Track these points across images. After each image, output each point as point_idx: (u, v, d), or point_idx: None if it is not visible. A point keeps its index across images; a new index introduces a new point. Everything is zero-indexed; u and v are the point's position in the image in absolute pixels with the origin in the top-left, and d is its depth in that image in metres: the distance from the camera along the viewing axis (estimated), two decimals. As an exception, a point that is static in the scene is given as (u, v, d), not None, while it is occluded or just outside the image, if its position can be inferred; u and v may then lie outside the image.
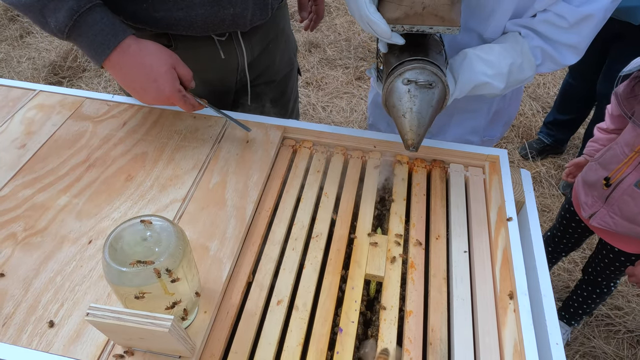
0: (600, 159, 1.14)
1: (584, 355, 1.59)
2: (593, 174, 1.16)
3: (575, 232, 1.37)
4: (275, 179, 0.83)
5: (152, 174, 0.82)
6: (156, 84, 0.76)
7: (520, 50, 0.79)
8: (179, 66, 0.79)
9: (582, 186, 1.21)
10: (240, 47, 0.96)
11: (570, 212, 1.33)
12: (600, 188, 1.12)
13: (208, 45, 0.92)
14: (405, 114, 0.70)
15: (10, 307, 0.63)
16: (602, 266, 1.31)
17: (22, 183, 0.79)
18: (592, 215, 1.17)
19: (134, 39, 0.75)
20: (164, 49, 0.78)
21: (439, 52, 0.77)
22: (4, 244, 0.70)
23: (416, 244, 0.74)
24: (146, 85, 0.76)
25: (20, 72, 2.72)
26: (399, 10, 0.70)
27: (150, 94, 0.77)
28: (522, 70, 0.80)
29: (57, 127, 0.90)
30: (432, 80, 0.70)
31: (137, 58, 0.75)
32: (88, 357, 0.58)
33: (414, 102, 0.70)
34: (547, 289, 0.67)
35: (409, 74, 0.70)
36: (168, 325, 0.48)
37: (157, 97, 0.77)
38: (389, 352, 0.61)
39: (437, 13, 0.69)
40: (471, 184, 0.83)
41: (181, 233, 0.55)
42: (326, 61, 2.84)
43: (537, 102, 2.55)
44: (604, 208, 1.13)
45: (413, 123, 0.70)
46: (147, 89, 0.76)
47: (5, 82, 1.01)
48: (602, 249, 1.28)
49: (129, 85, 0.78)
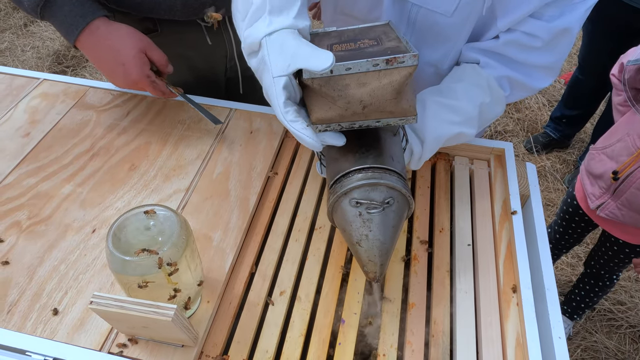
0: (607, 149, 1.11)
1: (585, 349, 1.59)
2: (599, 165, 1.13)
3: (578, 226, 1.36)
4: (279, 170, 0.82)
5: (156, 164, 0.82)
6: (123, 68, 0.75)
7: (486, 86, 0.69)
8: (151, 50, 0.78)
9: (587, 177, 1.19)
10: (228, 34, 0.95)
11: (574, 206, 1.32)
12: (607, 180, 1.10)
13: (194, 31, 0.91)
14: (360, 242, 0.56)
15: (15, 295, 0.63)
16: (605, 259, 1.30)
17: (26, 172, 0.80)
18: (599, 206, 1.15)
19: (104, 20, 0.75)
20: (135, 32, 0.77)
21: (392, 135, 0.64)
22: (8, 232, 0.71)
23: (419, 237, 0.73)
24: (114, 68, 0.76)
25: (25, 61, 2.72)
26: (332, 111, 0.55)
27: (118, 77, 0.77)
28: (492, 107, 0.70)
29: (61, 116, 0.90)
30: (388, 198, 0.55)
31: (105, 40, 0.74)
32: (92, 344, 0.58)
33: (369, 228, 0.55)
34: (550, 283, 0.67)
35: (358, 193, 0.56)
36: (171, 314, 0.48)
37: (125, 81, 0.77)
38: None
39: (383, 109, 0.55)
40: (476, 177, 0.82)
41: (184, 223, 0.55)
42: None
43: (543, 95, 2.53)
44: (612, 200, 1.11)
45: (372, 253, 0.56)
46: (115, 72, 0.76)
47: (9, 70, 1.01)
48: (606, 241, 1.27)
49: (99, 67, 0.78)
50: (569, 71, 2.66)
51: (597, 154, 1.14)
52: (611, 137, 1.13)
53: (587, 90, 1.99)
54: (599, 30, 1.75)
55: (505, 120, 2.40)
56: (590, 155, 1.18)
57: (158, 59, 0.79)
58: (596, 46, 1.80)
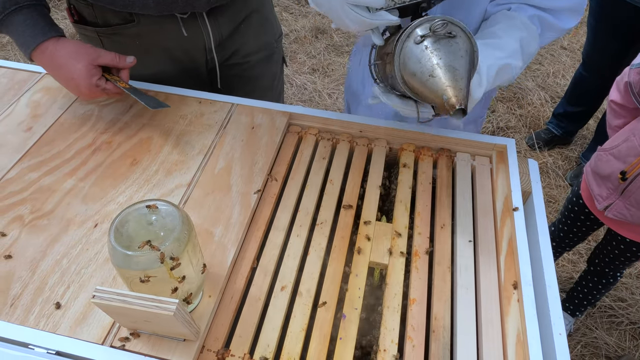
0: (613, 149, 1.11)
1: (585, 345, 1.59)
2: (606, 165, 1.13)
3: (583, 225, 1.36)
4: (280, 165, 0.82)
5: (158, 159, 0.82)
6: (73, 82, 0.81)
7: (520, 23, 0.74)
8: (100, 58, 0.82)
9: (594, 177, 1.18)
10: (205, 26, 0.95)
11: (579, 205, 1.31)
12: (615, 180, 1.10)
13: (171, 23, 0.92)
14: (432, 73, 0.56)
15: (18, 288, 0.64)
16: (611, 257, 1.30)
17: (29, 166, 0.80)
18: (607, 207, 1.15)
19: (54, 41, 0.79)
20: (82, 45, 0.81)
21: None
22: (11, 226, 0.71)
23: (421, 233, 0.74)
24: (66, 83, 0.82)
25: (26, 55, 2.71)
26: None
27: (72, 90, 0.83)
28: (530, 42, 0.74)
29: (63, 111, 0.90)
30: (450, 30, 0.56)
31: (53, 60, 0.80)
32: (94, 338, 0.59)
33: (438, 56, 0.56)
34: (551, 280, 0.67)
35: (420, 29, 0.57)
36: (173, 308, 0.49)
37: (78, 93, 0.83)
38: None
39: None
40: (478, 173, 0.82)
41: (186, 218, 0.55)
42: (333, 47, 2.81)
43: (545, 91, 2.52)
44: (620, 200, 1.11)
45: (447, 77, 0.55)
46: (68, 86, 0.82)
47: (11, 64, 1.01)
48: (612, 240, 1.26)
49: (55, 78, 0.84)
50: (573, 67, 2.65)
51: (604, 155, 1.14)
52: (617, 137, 1.13)
53: (591, 87, 1.98)
54: (603, 28, 1.74)
55: (507, 117, 2.39)
56: (597, 156, 1.17)
57: (110, 61, 0.83)
58: (600, 43, 1.79)
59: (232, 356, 0.59)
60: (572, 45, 2.83)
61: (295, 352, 0.60)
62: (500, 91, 2.51)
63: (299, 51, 2.77)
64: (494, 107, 2.43)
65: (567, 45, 2.83)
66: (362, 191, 0.81)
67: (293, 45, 2.82)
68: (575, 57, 2.74)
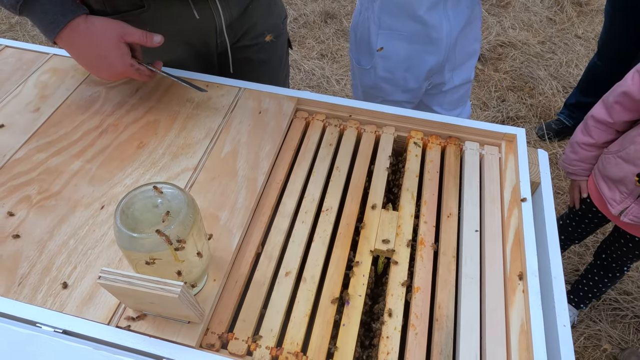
0: (621, 152, 1.08)
1: (588, 337, 1.59)
2: (617, 169, 1.10)
3: (591, 222, 1.34)
4: (287, 151, 0.82)
5: (164, 142, 0.82)
6: (107, 60, 0.77)
7: None
8: (128, 34, 0.79)
9: (604, 181, 1.15)
10: (216, 7, 0.94)
11: (587, 203, 1.29)
12: (630, 184, 1.07)
13: (181, 5, 0.90)
14: None
15: (26, 268, 0.65)
16: (619, 253, 1.29)
17: (36, 147, 0.80)
18: (622, 212, 1.12)
19: (84, 18, 0.76)
20: (110, 21, 0.78)
21: None
22: (18, 206, 0.72)
23: (427, 222, 0.73)
24: (98, 62, 0.78)
25: (35, 36, 2.71)
26: None
27: (103, 70, 0.79)
28: None
29: (70, 92, 0.90)
30: None
31: (85, 36, 0.76)
32: (100, 318, 0.60)
33: None
34: (557, 271, 0.66)
35: None
36: (177, 291, 0.49)
37: (110, 72, 0.79)
38: None
39: None
40: (486, 162, 0.81)
41: (192, 201, 0.55)
42: (342, 33, 2.77)
43: (558, 81, 2.47)
44: (636, 204, 1.08)
45: None
46: (100, 66, 0.78)
47: (18, 44, 1.00)
48: (620, 237, 1.25)
49: (83, 63, 0.80)
50: (587, 57, 2.60)
51: (613, 158, 1.11)
52: (623, 140, 1.10)
53: (605, 76, 1.94)
54: (620, 16, 1.69)
55: (517, 106, 2.35)
56: (605, 159, 1.15)
57: (138, 39, 0.80)
58: (617, 30, 1.75)
59: (235, 339, 0.59)
60: (587, 34, 2.77)
61: (299, 338, 0.60)
62: (511, 80, 2.47)
63: (308, 36, 2.74)
64: (504, 96, 2.40)
65: (581, 34, 2.77)
66: (369, 179, 0.80)
67: (302, 30, 2.78)
68: (589, 46, 2.68)
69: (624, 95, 1.06)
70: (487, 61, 2.60)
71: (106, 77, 0.82)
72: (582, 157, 1.19)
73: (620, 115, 1.08)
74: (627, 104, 1.06)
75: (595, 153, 1.18)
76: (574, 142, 1.20)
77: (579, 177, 1.24)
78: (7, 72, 0.94)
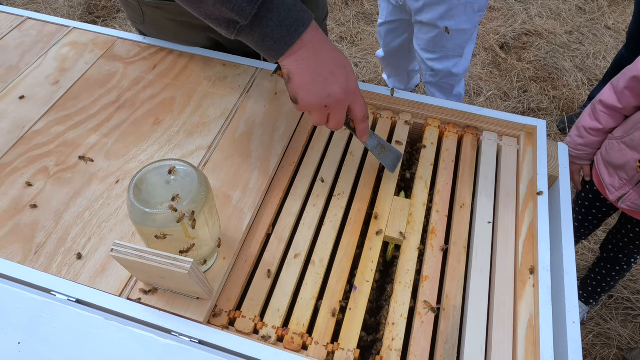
0: (625, 138, 1.06)
1: (598, 335, 1.58)
2: (620, 155, 1.08)
3: (599, 212, 1.32)
4: (301, 133, 0.81)
5: (180, 120, 0.82)
6: (345, 70, 0.63)
7: None
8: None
9: (605, 167, 1.14)
10: None
11: (594, 192, 1.27)
12: (631, 170, 1.06)
13: None
14: None
15: (42, 237, 0.66)
16: (625, 242, 1.27)
17: (55, 119, 0.81)
18: (620, 197, 1.12)
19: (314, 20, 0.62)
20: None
21: None
22: (37, 177, 0.73)
23: (439, 211, 0.72)
24: (336, 70, 0.62)
25: (57, 9, 2.73)
26: None
27: (337, 82, 0.62)
28: None
29: (89, 66, 0.91)
30: None
31: (326, 40, 0.62)
32: (112, 290, 0.61)
33: None
34: (570, 267, 0.65)
35: None
36: (187, 267, 0.49)
37: (342, 86, 0.62)
38: None
39: None
40: (503, 153, 0.79)
41: (204, 179, 0.56)
42: (363, 15, 2.72)
43: (583, 73, 2.40)
44: (635, 190, 1.07)
45: None
46: (337, 74, 0.62)
47: (40, 16, 1.01)
48: (627, 223, 1.23)
49: (316, 70, 0.61)
50: (616, 49, 2.50)
51: (617, 144, 1.09)
52: (626, 125, 1.08)
53: (633, 70, 1.87)
54: None
55: (539, 98, 2.29)
56: (609, 144, 1.13)
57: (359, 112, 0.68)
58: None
59: (243, 317, 0.60)
60: (617, 25, 2.66)
61: (305, 319, 0.61)
62: (534, 70, 2.41)
63: (328, 18, 2.70)
64: (526, 86, 2.34)
65: (612, 25, 2.67)
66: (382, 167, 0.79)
67: (322, 12, 2.74)
68: (619, 38, 2.58)
69: (634, 80, 1.02)
70: (511, 50, 2.53)
71: (335, 90, 0.62)
72: (588, 141, 1.17)
73: (629, 100, 1.05)
74: (637, 89, 1.03)
75: (601, 139, 1.15)
76: (581, 126, 1.17)
77: (582, 161, 1.22)
78: (29, 44, 0.95)
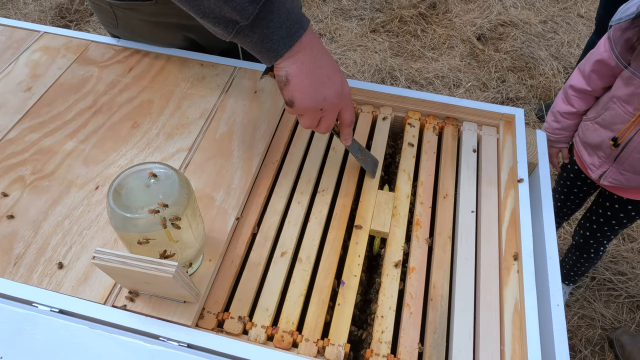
0: (597, 118, 1.11)
1: (582, 317, 1.62)
2: (594, 134, 1.13)
3: (580, 191, 1.35)
4: (283, 131, 0.81)
5: (159, 122, 0.81)
6: (340, 75, 0.63)
7: None
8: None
9: (584, 147, 1.19)
10: None
11: (575, 171, 1.31)
12: (607, 148, 1.10)
13: None
14: None
15: (21, 248, 0.64)
16: (600, 222, 1.30)
17: (29, 127, 0.79)
18: (601, 175, 1.16)
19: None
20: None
21: None
22: (12, 186, 0.71)
23: (423, 202, 0.73)
24: (332, 74, 0.62)
25: (27, 14, 2.66)
26: None
27: (333, 85, 0.63)
28: None
29: (62, 71, 0.89)
30: None
31: (321, 44, 0.63)
32: (96, 298, 0.60)
33: None
34: (552, 252, 0.67)
35: None
36: (172, 271, 0.49)
37: (337, 90, 0.63)
38: None
39: None
40: (484, 143, 0.80)
41: (186, 182, 0.55)
42: (340, 11, 2.72)
43: (559, 61, 2.44)
44: (614, 167, 1.12)
45: None
46: (333, 78, 0.62)
47: (9, 22, 0.98)
48: (605, 201, 1.27)
49: (315, 73, 0.61)
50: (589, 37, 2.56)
51: (591, 124, 1.14)
52: (597, 106, 1.12)
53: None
54: None
55: (517, 87, 2.33)
56: (584, 126, 1.18)
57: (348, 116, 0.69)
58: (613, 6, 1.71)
59: (231, 319, 0.60)
60: (589, 13, 2.72)
61: (294, 317, 0.60)
62: (511, 60, 2.44)
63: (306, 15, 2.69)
64: (504, 76, 2.37)
65: (584, 13, 2.72)
66: (365, 159, 0.79)
67: (300, 9, 2.73)
68: (592, 25, 2.64)
69: (598, 63, 1.06)
70: (488, 41, 2.56)
71: (330, 94, 0.62)
72: (565, 125, 1.21)
73: (597, 82, 1.09)
74: (602, 71, 1.07)
75: (576, 121, 1.20)
76: (556, 111, 1.22)
77: (561, 144, 1.27)
78: (-2, 51, 0.92)
